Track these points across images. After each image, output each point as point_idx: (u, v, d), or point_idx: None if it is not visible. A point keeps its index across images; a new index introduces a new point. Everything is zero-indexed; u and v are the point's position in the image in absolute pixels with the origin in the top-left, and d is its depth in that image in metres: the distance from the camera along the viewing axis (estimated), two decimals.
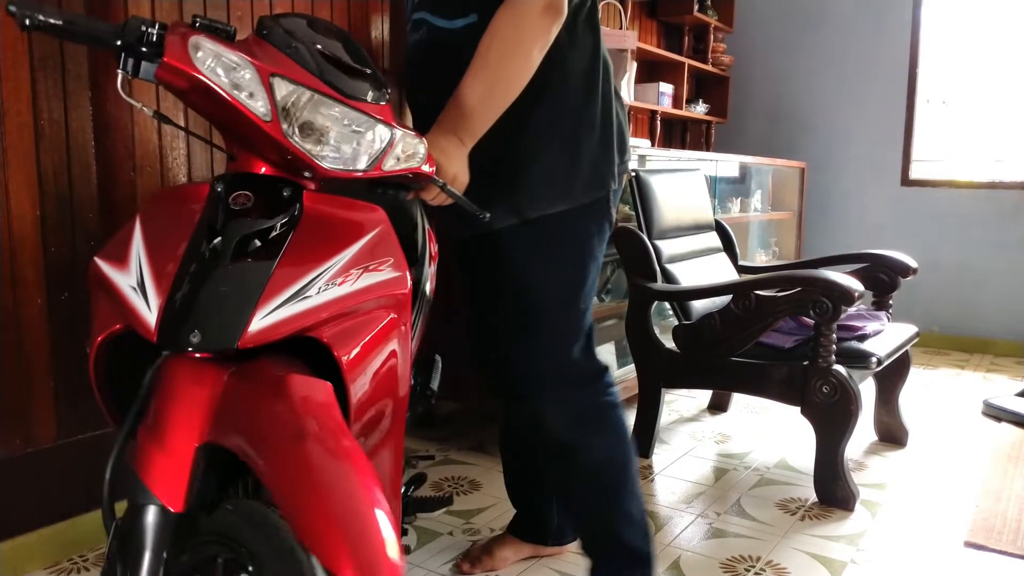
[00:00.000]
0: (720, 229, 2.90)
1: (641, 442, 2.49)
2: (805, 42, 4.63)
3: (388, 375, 0.98)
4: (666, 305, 2.58)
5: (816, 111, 4.64)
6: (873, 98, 4.46)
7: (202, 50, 0.91)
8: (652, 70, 4.32)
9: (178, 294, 0.88)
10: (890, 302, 2.70)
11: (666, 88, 4.17)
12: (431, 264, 1.56)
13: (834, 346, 2.12)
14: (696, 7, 4.31)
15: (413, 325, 1.40)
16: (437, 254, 1.63)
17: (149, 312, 0.88)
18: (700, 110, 4.61)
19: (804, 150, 4.65)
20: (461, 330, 1.59)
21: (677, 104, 4.28)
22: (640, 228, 2.47)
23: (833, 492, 2.17)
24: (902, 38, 4.36)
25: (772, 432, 2.81)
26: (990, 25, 4.24)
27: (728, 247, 2.90)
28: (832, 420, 2.11)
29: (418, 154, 1.05)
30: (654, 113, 4.16)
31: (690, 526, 2.04)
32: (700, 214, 2.80)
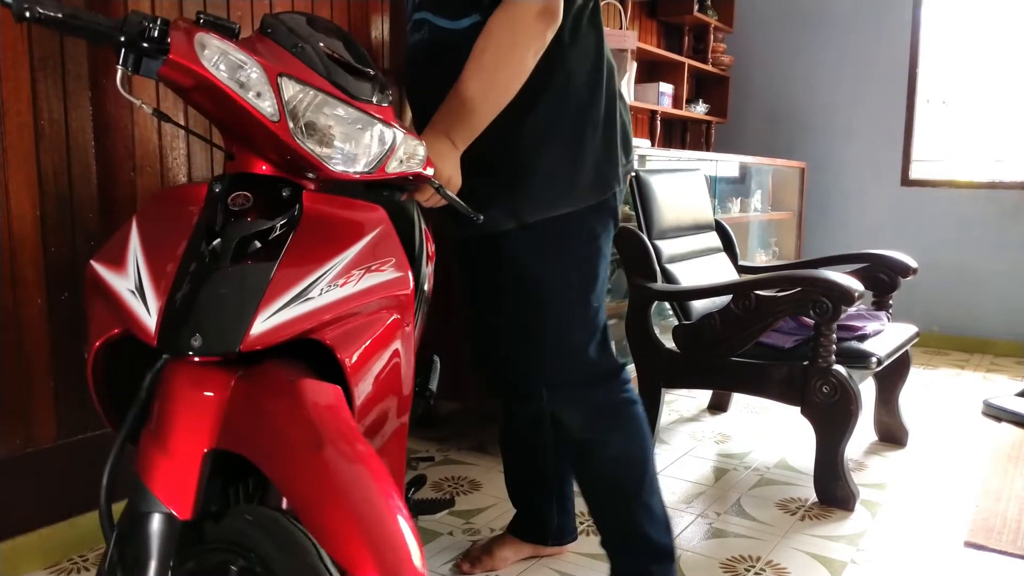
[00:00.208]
0: (720, 229, 2.90)
1: None
2: (805, 42, 4.63)
3: (391, 377, 0.97)
4: (666, 305, 2.58)
5: (816, 111, 4.64)
6: (873, 98, 4.46)
7: (208, 47, 0.88)
8: (652, 70, 4.32)
9: (178, 297, 0.87)
10: (890, 302, 2.70)
11: (666, 88, 4.17)
12: (428, 264, 1.56)
13: (834, 346, 2.12)
14: (696, 7, 4.31)
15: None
16: (434, 254, 1.63)
17: (148, 316, 0.86)
18: (700, 110, 4.61)
19: (804, 150, 4.65)
20: (461, 330, 1.59)
21: (677, 104, 4.28)
22: (640, 228, 2.47)
23: (833, 492, 2.16)
24: (902, 38, 4.36)
25: (772, 432, 2.81)
26: (990, 25, 4.24)
27: (728, 247, 2.90)
28: (832, 420, 2.11)
29: (418, 156, 1.04)
30: (654, 113, 4.16)
31: (690, 526, 2.04)
32: (700, 214, 2.80)
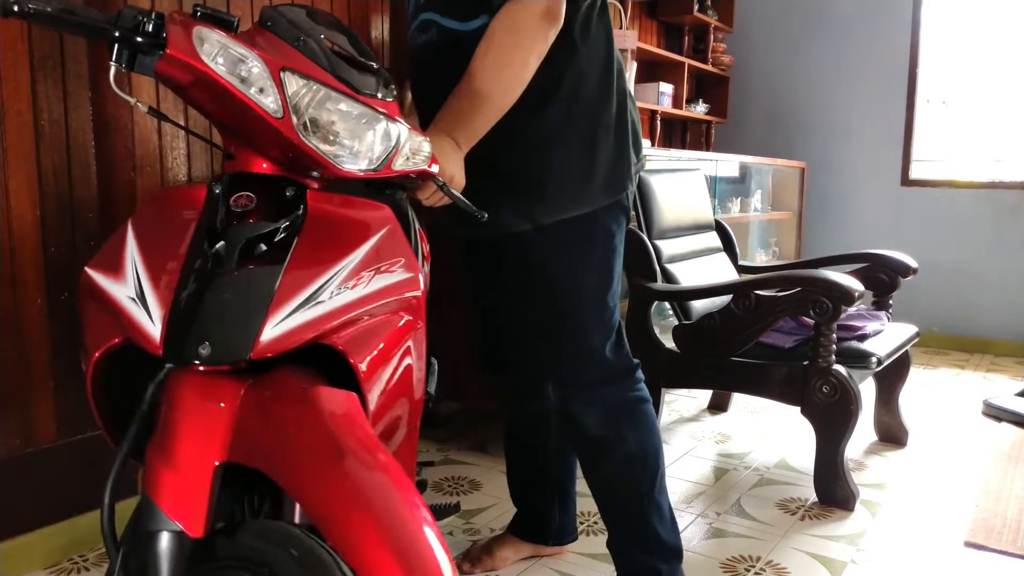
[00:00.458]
0: (720, 229, 2.90)
1: None
2: (805, 42, 4.63)
3: (403, 381, 0.94)
4: (666, 305, 2.58)
5: (816, 111, 4.64)
6: (873, 98, 4.46)
7: (208, 42, 0.85)
8: (652, 70, 4.32)
9: (182, 304, 0.83)
10: (890, 302, 2.70)
11: (666, 88, 4.17)
12: (425, 264, 1.56)
13: (834, 346, 2.12)
14: (696, 7, 4.31)
15: None
16: (429, 254, 1.63)
17: (152, 324, 0.82)
18: (700, 110, 4.61)
19: (804, 150, 4.65)
20: (462, 330, 1.59)
21: (677, 104, 4.29)
22: (640, 228, 2.47)
23: (833, 492, 2.16)
24: (902, 38, 4.37)
25: (772, 432, 2.81)
26: (990, 25, 4.24)
27: (728, 247, 2.90)
28: (832, 420, 2.11)
29: (423, 152, 1.01)
30: (654, 113, 4.16)
31: (690, 526, 2.04)
32: (700, 214, 2.80)
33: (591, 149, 1.37)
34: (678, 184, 2.72)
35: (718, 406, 3.08)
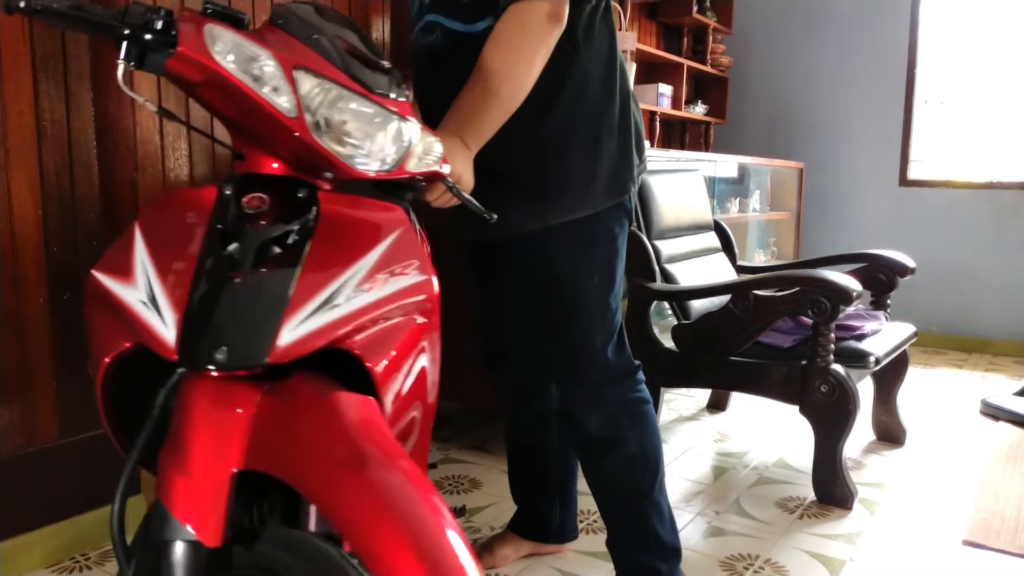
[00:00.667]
0: (719, 229, 2.91)
1: None
2: (804, 43, 4.64)
3: (418, 383, 0.92)
4: (665, 305, 2.59)
5: (815, 112, 4.65)
6: (871, 99, 4.47)
7: (220, 40, 0.83)
8: (651, 71, 4.33)
9: (196, 308, 0.80)
10: (888, 302, 2.71)
11: (665, 89, 4.18)
12: None
13: (832, 345, 2.13)
14: (695, 8, 4.32)
15: None
16: (429, 255, 1.63)
17: (165, 328, 0.80)
18: (699, 111, 4.62)
19: (802, 150, 4.66)
20: (464, 330, 1.60)
21: (676, 105, 4.29)
22: (639, 228, 2.48)
23: (832, 491, 2.17)
24: (901, 39, 4.38)
25: (771, 431, 2.82)
26: (988, 26, 4.25)
27: (727, 247, 2.90)
28: (830, 419, 2.12)
29: (434, 153, 0.99)
30: (653, 114, 4.17)
31: (689, 524, 2.04)
32: (699, 214, 2.81)
33: (594, 150, 1.37)
34: (677, 185, 2.73)
35: (717, 405, 3.09)
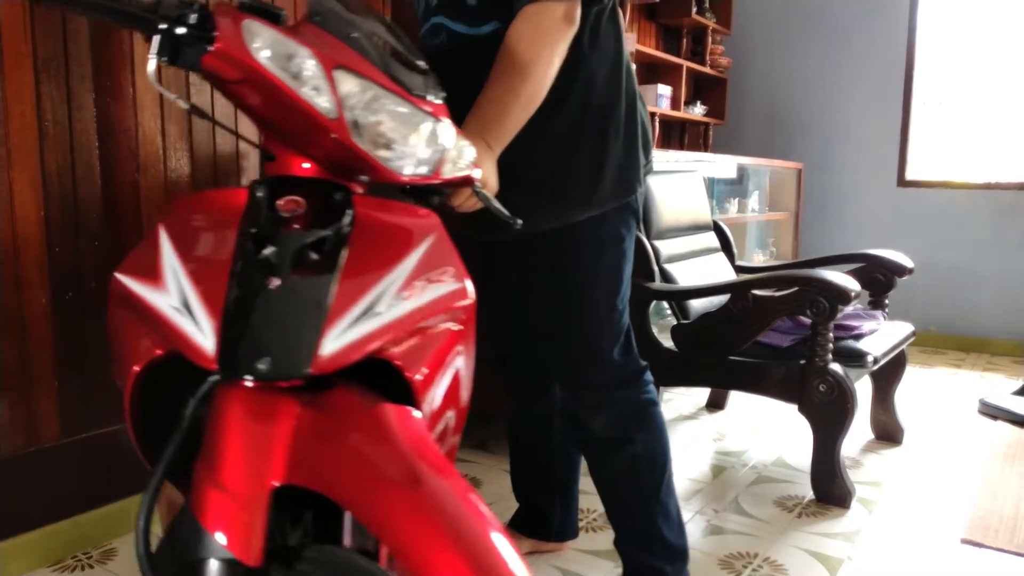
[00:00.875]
0: (718, 229, 2.92)
1: None
2: (802, 44, 4.65)
3: (452, 390, 0.90)
4: (664, 305, 2.59)
5: (813, 112, 4.66)
6: (870, 99, 4.48)
7: (259, 36, 0.79)
8: (651, 72, 4.34)
9: (234, 315, 0.76)
10: (886, 301, 2.72)
11: (664, 90, 4.20)
12: None
13: (831, 345, 2.14)
14: (694, 10, 4.33)
15: None
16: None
17: (202, 336, 0.76)
18: (698, 112, 4.63)
19: (801, 151, 4.67)
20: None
21: (675, 106, 4.31)
22: (639, 228, 2.49)
23: (830, 490, 2.18)
24: (899, 40, 4.39)
25: (769, 430, 2.83)
26: (986, 27, 4.26)
27: (726, 247, 2.91)
28: (829, 418, 2.13)
29: (467, 158, 0.96)
30: (652, 115, 4.18)
31: (688, 523, 2.05)
32: (698, 214, 2.82)
33: (600, 151, 1.37)
34: (676, 185, 2.74)
35: (716, 404, 3.10)
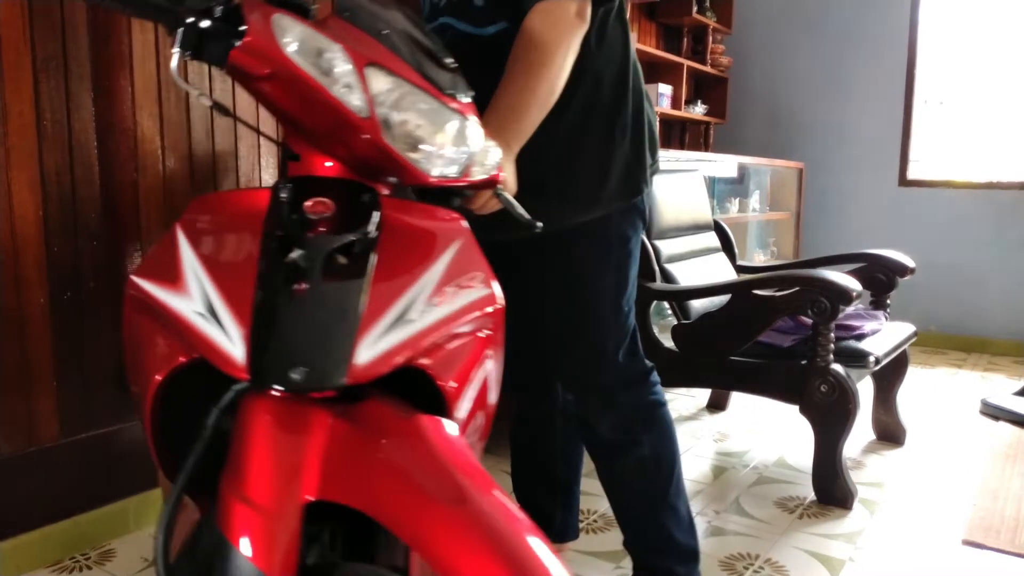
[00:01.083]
0: (719, 229, 2.91)
1: None
2: (804, 43, 4.64)
3: (481, 396, 0.88)
4: (665, 305, 2.59)
5: (814, 112, 4.66)
6: (871, 99, 4.48)
7: (289, 31, 0.76)
8: (651, 71, 4.34)
9: (264, 322, 0.73)
10: (888, 301, 2.71)
11: (665, 89, 4.19)
12: None
13: (832, 345, 2.13)
14: (695, 9, 4.33)
15: None
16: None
17: (231, 344, 0.72)
18: (699, 111, 4.62)
19: (802, 150, 4.66)
20: None
21: (676, 105, 4.30)
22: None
23: (831, 491, 2.18)
24: (900, 39, 4.38)
25: (771, 431, 2.82)
26: (988, 26, 4.26)
27: (727, 247, 2.91)
28: (830, 419, 2.12)
29: (494, 158, 0.93)
30: None
31: None
32: (699, 214, 2.81)
33: (607, 151, 1.36)
34: (677, 185, 2.74)
35: (717, 405, 3.09)
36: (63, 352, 1.80)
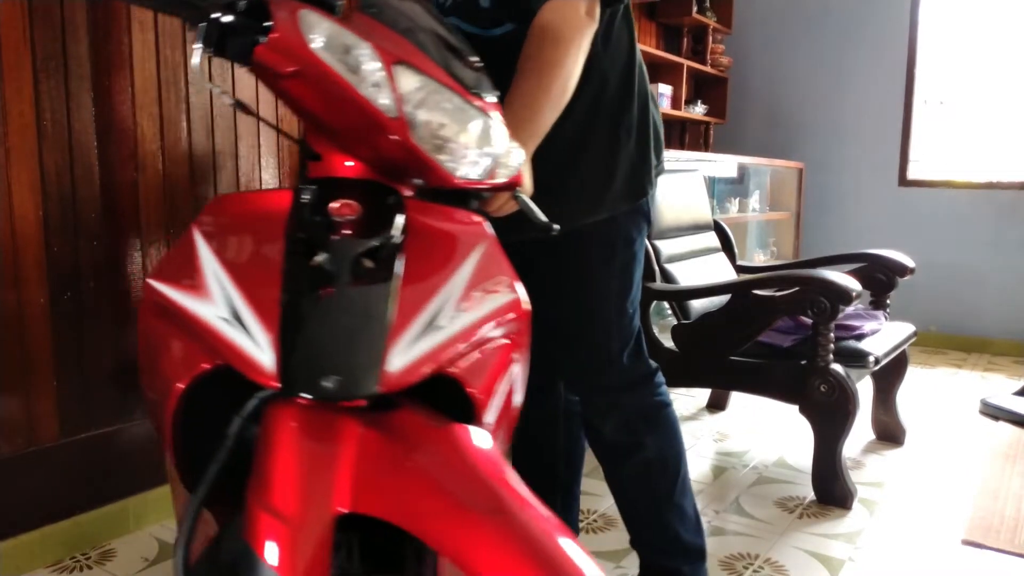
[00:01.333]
0: (719, 229, 2.91)
1: None
2: (803, 43, 4.64)
3: (508, 401, 0.87)
4: (665, 304, 2.59)
5: (814, 112, 4.66)
6: (871, 98, 4.48)
7: (317, 28, 0.74)
8: (651, 71, 4.29)
9: (292, 328, 0.71)
10: (887, 301, 2.71)
11: (665, 89, 4.19)
12: None
13: (832, 345, 2.13)
14: (695, 9, 4.33)
15: None
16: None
17: (259, 350, 0.70)
18: (699, 111, 4.62)
19: (802, 150, 4.66)
20: None
21: (676, 105, 4.30)
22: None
23: (831, 490, 2.18)
24: (900, 39, 4.38)
25: (770, 431, 2.82)
26: (988, 26, 4.26)
27: (727, 247, 2.91)
28: (830, 419, 2.13)
29: (517, 160, 0.91)
30: None
31: None
32: (699, 214, 2.81)
33: (612, 152, 1.36)
34: (677, 185, 2.74)
35: (717, 405, 3.09)
36: (63, 352, 1.80)
